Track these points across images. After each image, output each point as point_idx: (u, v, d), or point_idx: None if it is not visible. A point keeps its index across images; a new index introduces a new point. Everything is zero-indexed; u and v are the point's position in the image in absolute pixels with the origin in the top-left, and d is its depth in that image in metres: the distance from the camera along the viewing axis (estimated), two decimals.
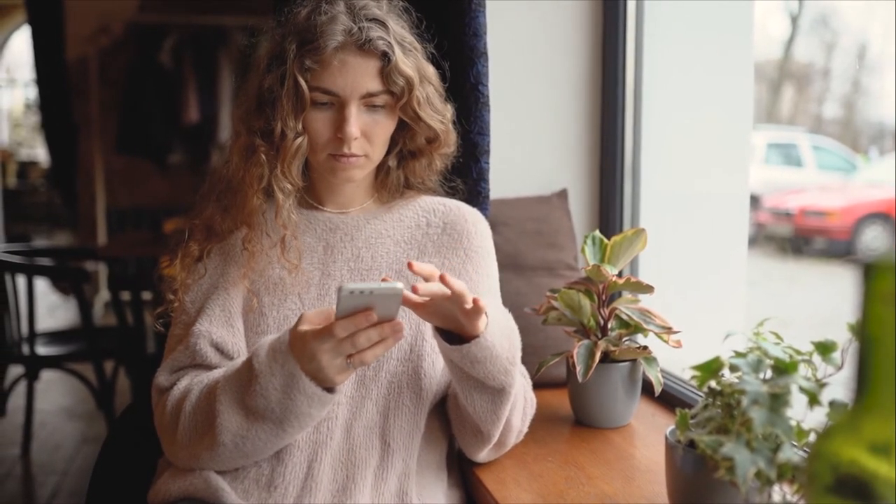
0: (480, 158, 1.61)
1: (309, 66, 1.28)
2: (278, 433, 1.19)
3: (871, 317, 0.60)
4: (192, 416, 1.23)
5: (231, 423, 1.19)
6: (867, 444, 0.60)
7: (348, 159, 1.31)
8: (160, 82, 5.94)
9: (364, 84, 1.29)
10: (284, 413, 1.16)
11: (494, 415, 1.27)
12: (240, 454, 1.21)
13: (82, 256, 4.73)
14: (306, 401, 1.16)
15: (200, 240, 1.36)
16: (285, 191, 1.33)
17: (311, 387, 1.14)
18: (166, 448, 1.29)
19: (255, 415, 1.18)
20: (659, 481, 1.28)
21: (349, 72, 1.28)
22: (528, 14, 1.89)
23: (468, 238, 1.41)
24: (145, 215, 6.01)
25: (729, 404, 1.04)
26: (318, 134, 1.31)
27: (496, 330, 1.20)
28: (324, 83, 1.29)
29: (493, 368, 1.21)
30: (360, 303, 1.09)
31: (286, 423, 1.18)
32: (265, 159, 1.32)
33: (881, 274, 0.59)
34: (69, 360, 3.62)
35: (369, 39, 1.28)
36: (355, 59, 1.29)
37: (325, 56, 1.28)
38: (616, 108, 1.89)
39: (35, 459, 3.62)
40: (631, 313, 1.49)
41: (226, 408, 1.19)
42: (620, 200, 1.91)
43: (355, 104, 1.29)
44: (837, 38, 7.81)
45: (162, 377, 1.31)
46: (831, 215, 6.08)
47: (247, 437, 1.19)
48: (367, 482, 1.25)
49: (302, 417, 1.18)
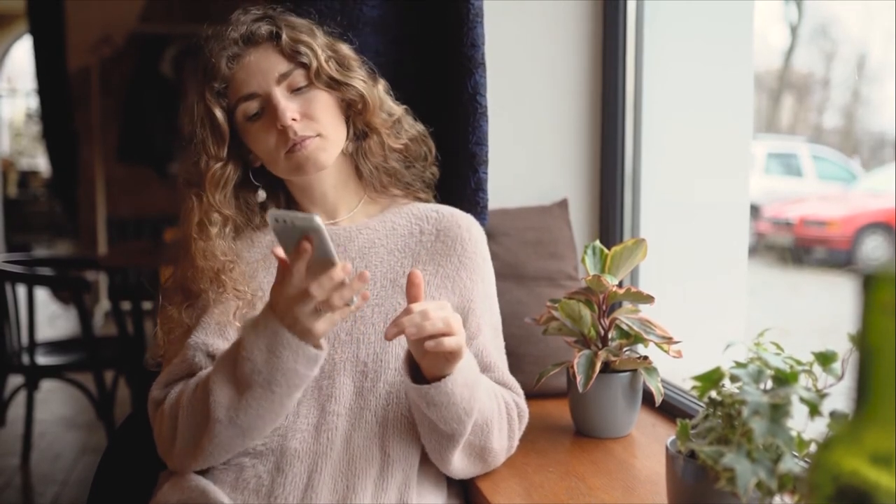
0: (479, 168, 1.61)
1: (219, 90, 1.32)
2: (267, 396, 1.17)
3: (872, 327, 0.60)
4: (188, 407, 1.23)
5: (223, 397, 1.18)
6: (868, 455, 0.60)
7: (302, 144, 1.31)
8: (161, 92, 5.95)
9: (272, 68, 1.32)
10: (271, 372, 1.15)
11: (439, 455, 1.28)
12: (237, 431, 1.20)
13: (83, 266, 4.73)
14: (291, 356, 1.14)
15: (178, 303, 1.36)
16: (212, 220, 1.33)
17: (294, 340, 1.13)
18: (168, 457, 1.29)
19: (244, 382, 1.17)
20: (660, 492, 1.27)
21: (251, 67, 1.32)
22: (529, 24, 1.90)
23: (462, 244, 1.41)
24: (146, 225, 6.01)
25: (730, 415, 1.04)
26: (266, 141, 1.32)
27: (460, 378, 1.20)
28: (239, 93, 1.32)
29: (447, 414, 1.21)
30: (291, 235, 1.10)
31: (274, 384, 1.16)
32: (195, 200, 1.33)
33: (881, 284, 0.59)
34: (69, 369, 3.62)
35: (251, 32, 1.33)
36: (250, 55, 1.33)
37: (225, 72, 1.32)
38: (616, 118, 1.90)
39: (35, 469, 3.62)
40: (631, 323, 1.49)
41: (217, 385, 1.18)
42: (621, 210, 1.91)
43: (278, 91, 1.31)
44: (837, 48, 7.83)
45: (156, 391, 1.31)
46: (831, 225, 6.08)
47: (239, 407, 1.17)
48: (367, 493, 1.25)
49: (289, 375, 1.15)
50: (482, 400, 1.27)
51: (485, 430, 1.29)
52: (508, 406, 1.37)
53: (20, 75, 11.13)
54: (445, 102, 1.63)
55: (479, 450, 1.31)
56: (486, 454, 1.33)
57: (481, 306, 1.41)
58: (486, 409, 1.28)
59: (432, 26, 1.65)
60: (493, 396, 1.32)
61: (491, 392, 1.32)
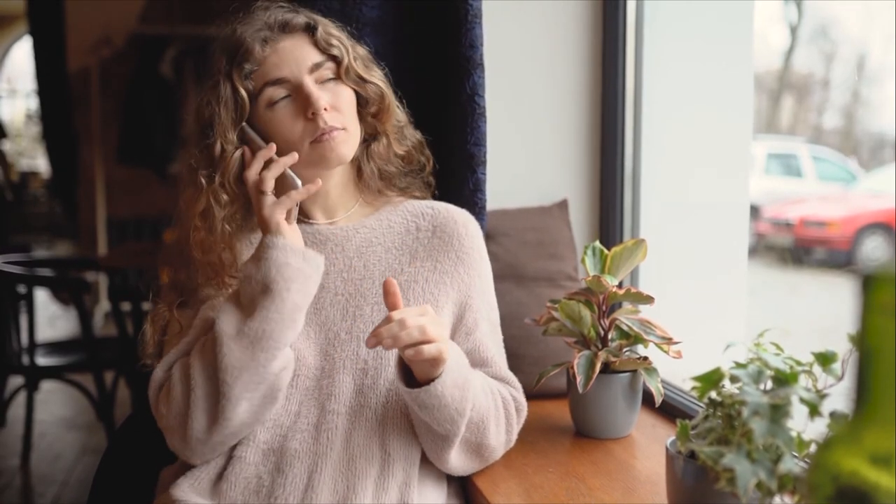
0: (477, 169, 1.62)
1: (249, 70, 1.32)
2: (269, 297, 1.21)
3: (871, 328, 0.60)
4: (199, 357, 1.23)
5: (229, 324, 1.21)
6: (868, 455, 0.60)
7: (330, 134, 1.31)
8: (161, 93, 5.95)
9: (306, 57, 1.33)
10: (266, 273, 1.21)
11: (436, 454, 1.30)
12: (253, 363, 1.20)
13: (83, 267, 4.73)
14: (280, 253, 1.22)
15: (170, 302, 1.36)
16: (221, 202, 1.32)
17: (273, 238, 1.23)
18: (183, 434, 1.25)
19: (246, 300, 1.22)
20: (660, 492, 1.27)
21: (286, 54, 1.33)
22: (528, 25, 1.90)
23: (458, 239, 1.42)
24: (146, 225, 6.01)
25: (729, 415, 1.04)
26: (292, 128, 1.32)
27: (449, 380, 1.21)
28: (269, 76, 1.32)
29: (439, 416, 1.23)
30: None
31: (273, 284, 1.21)
32: (204, 182, 1.32)
33: (880, 285, 0.59)
34: (69, 370, 3.62)
35: (287, 21, 1.34)
36: (285, 42, 1.34)
37: (258, 54, 1.32)
38: (616, 118, 1.90)
39: (35, 470, 3.62)
40: (631, 324, 1.49)
41: (223, 323, 1.22)
42: (621, 210, 1.91)
43: (308, 79, 1.32)
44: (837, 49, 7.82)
45: (160, 372, 1.30)
46: (831, 225, 6.07)
47: (246, 331, 1.20)
48: (367, 492, 1.25)
49: (283, 269, 1.21)
50: (476, 398, 1.27)
51: (481, 427, 1.30)
52: (505, 401, 1.37)
53: (20, 76, 11.14)
54: (444, 103, 1.63)
55: (476, 446, 1.32)
56: (483, 450, 1.33)
57: (478, 301, 1.42)
58: (481, 407, 1.29)
59: (431, 27, 1.65)
60: (488, 393, 1.32)
61: (486, 389, 1.32)
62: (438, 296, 1.38)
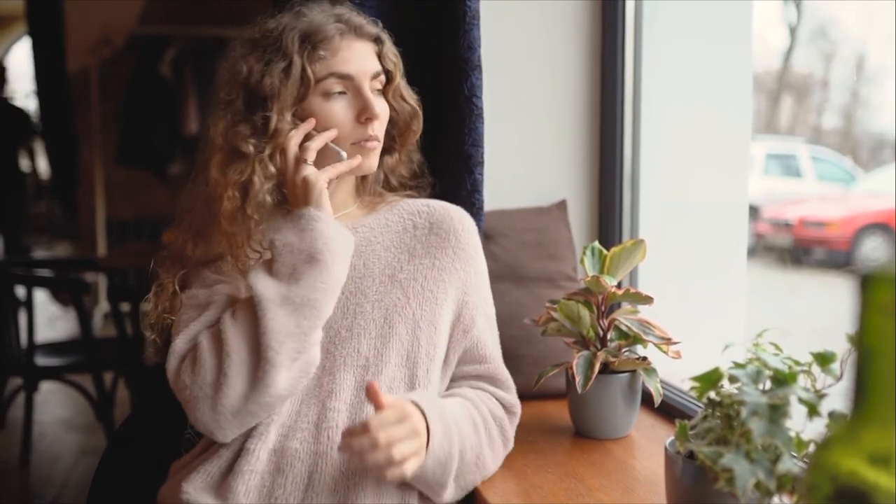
0: (474, 170, 1.62)
1: (321, 56, 1.33)
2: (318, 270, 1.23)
3: (870, 327, 0.60)
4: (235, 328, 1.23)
5: (270, 292, 1.22)
6: (867, 455, 0.60)
7: (373, 142, 1.35)
8: (161, 93, 5.95)
9: (370, 64, 1.36)
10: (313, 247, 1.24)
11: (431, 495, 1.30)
12: (298, 330, 1.21)
13: (82, 267, 4.72)
14: (324, 226, 1.25)
15: (173, 271, 1.36)
16: (267, 174, 1.32)
17: (321, 211, 1.26)
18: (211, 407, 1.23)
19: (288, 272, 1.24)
20: (659, 493, 1.27)
21: (356, 54, 1.35)
22: (527, 25, 1.90)
23: (455, 235, 1.43)
24: (146, 226, 6.00)
25: (728, 415, 1.04)
26: (341, 123, 1.34)
27: (429, 463, 1.23)
28: (337, 68, 1.34)
29: (425, 485, 1.27)
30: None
31: (320, 255, 1.24)
32: (253, 151, 1.31)
33: (879, 285, 0.59)
34: (68, 371, 3.61)
35: (361, 25, 1.37)
36: (356, 42, 1.36)
37: (335, 43, 1.33)
38: (615, 119, 1.90)
39: (34, 471, 3.61)
40: (630, 324, 1.49)
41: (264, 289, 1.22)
42: (620, 211, 1.91)
43: (368, 85, 1.35)
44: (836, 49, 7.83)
45: (181, 344, 1.28)
46: (831, 226, 6.08)
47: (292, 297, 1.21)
48: (367, 493, 1.25)
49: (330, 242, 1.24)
50: (463, 442, 1.28)
51: (478, 462, 1.32)
52: (496, 417, 1.38)
53: (19, 77, 11.13)
54: (442, 104, 1.63)
55: (472, 481, 1.33)
56: (480, 474, 1.34)
57: (476, 297, 1.43)
58: (473, 447, 1.30)
59: (429, 29, 1.65)
60: (479, 425, 1.33)
61: (470, 423, 1.32)
62: (438, 293, 1.39)
